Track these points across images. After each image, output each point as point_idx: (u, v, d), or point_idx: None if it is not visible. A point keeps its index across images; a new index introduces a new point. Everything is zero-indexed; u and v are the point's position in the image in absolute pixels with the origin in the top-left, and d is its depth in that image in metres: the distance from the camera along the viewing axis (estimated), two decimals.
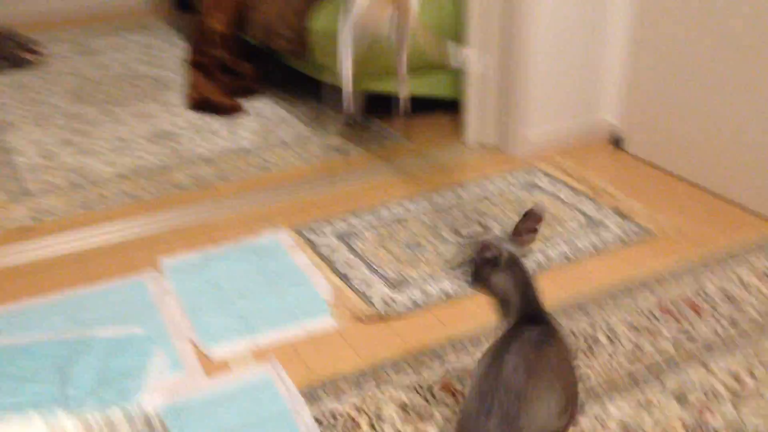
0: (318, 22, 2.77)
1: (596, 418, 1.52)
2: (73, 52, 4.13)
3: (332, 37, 2.68)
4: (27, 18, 4.54)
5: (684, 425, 1.50)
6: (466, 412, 1.26)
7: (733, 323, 1.83)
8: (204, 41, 3.29)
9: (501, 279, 1.38)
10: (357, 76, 2.84)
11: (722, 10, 2.26)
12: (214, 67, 3.31)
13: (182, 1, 4.54)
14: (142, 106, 3.31)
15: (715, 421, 1.51)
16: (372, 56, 2.64)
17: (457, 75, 2.86)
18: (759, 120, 2.25)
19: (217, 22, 3.20)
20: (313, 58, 2.91)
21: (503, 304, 1.39)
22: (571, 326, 1.82)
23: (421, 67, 2.76)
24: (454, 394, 1.59)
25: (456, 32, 2.79)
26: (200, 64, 3.33)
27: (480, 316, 1.81)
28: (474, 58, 2.71)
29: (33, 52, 3.92)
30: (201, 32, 3.29)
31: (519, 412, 1.19)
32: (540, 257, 2.12)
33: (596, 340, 1.77)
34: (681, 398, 1.58)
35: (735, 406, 1.55)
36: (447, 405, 1.56)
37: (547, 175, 2.61)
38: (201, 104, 3.23)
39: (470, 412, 1.23)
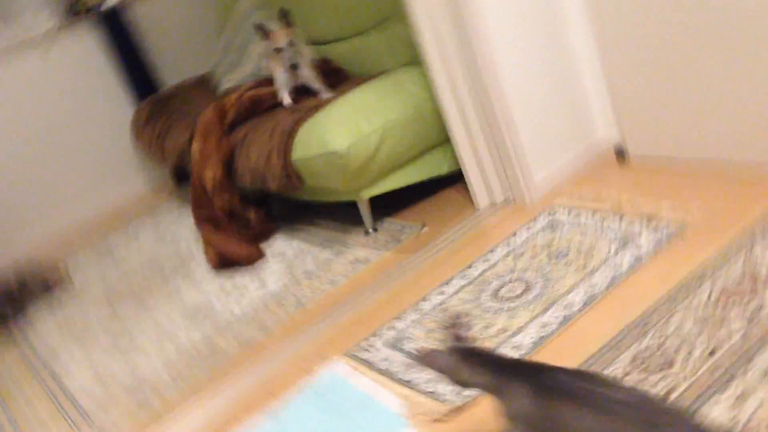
0: (298, 152, 2.84)
1: None
2: (93, 258, 4.25)
3: (317, 161, 2.76)
4: (43, 239, 4.68)
5: None
6: None
7: None
8: (203, 196, 3.35)
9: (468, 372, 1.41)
10: (352, 192, 2.90)
11: None
12: (222, 218, 3.36)
13: (180, 175, 4.68)
14: (169, 286, 3.37)
15: None
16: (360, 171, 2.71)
17: (450, 147, 2.89)
18: (744, 77, 2.24)
19: (210, 174, 3.28)
20: (308, 186, 2.96)
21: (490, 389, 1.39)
22: (643, 344, 1.76)
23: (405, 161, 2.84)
24: None
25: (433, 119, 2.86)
26: (207, 218, 3.37)
27: None
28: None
29: (56, 282, 4.04)
30: (197, 189, 3.36)
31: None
32: (587, 289, 2.08)
33: (668, 349, 1.72)
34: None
35: None
36: None
37: (566, 208, 2.59)
38: (222, 262, 3.28)
39: None
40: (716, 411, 1.50)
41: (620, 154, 2.79)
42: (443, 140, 2.90)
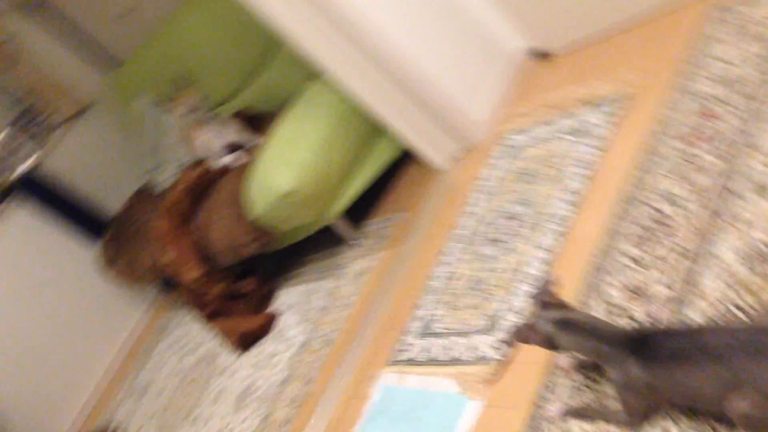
0: (255, 209, 2.84)
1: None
2: (133, 402, 4.24)
3: (276, 209, 2.76)
4: (83, 410, 4.67)
5: None
6: None
7: (750, 98, 1.77)
8: (198, 296, 3.36)
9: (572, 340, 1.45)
10: (321, 218, 2.91)
11: None
12: (224, 305, 3.37)
13: (171, 283, 4.67)
14: (210, 389, 3.37)
15: None
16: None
17: (387, 131, 2.90)
18: None
19: (192, 276, 3.28)
20: (280, 234, 2.97)
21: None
22: (639, 221, 1.78)
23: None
24: None
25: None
26: (212, 312, 3.38)
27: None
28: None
29: None
30: (190, 293, 3.36)
31: None
32: (568, 195, 2.09)
33: (665, 214, 1.73)
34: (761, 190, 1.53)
35: None
36: None
37: (515, 131, 2.60)
38: (244, 342, 3.28)
39: None
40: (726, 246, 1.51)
41: (540, 55, 2.79)
42: (378, 129, 2.91)
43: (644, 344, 1.33)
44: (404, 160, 3.10)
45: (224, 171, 3.34)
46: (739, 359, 1.18)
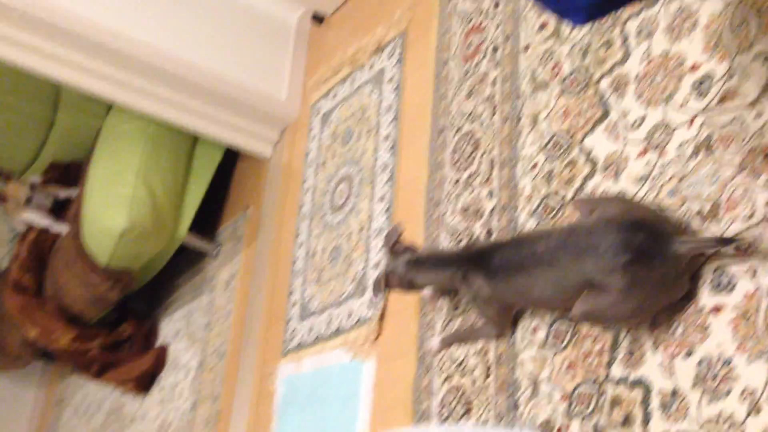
0: (100, 257, 2.78)
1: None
2: None
3: (119, 250, 2.72)
4: None
5: None
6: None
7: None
8: (81, 358, 3.27)
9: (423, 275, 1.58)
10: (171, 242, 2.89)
11: None
12: (110, 356, 3.29)
13: (47, 356, 4.50)
14: None
15: None
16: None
17: (200, 147, 2.90)
18: None
19: (66, 340, 3.18)
20: (138, 271, 2.94)
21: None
22: (454, 146, 1.89)
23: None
24: None
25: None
26: (101, 368, 3.30)
27: None
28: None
29: None
30: (72, 357, 3.27)
31: None
32: (387, 143, 2.19)
33: (473, 133, 1.85)
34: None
35: None
36: None
37: (322, 98, 2.66)
38: (142, 383, 3.23)
39: None
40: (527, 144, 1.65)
41: (316, 19, 2.84)
42: (193, 139, 2.90)
43: (482, 259, 1.45)
44: (232, 158, 3.11)
45: (55, 233, 3.24)
46: (567, 260, 1.29)
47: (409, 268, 1.58)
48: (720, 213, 1.24)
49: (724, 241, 1.19)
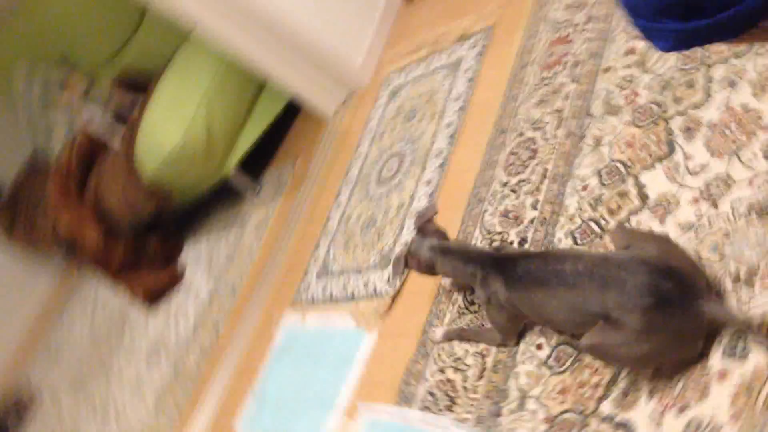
0: (146, 170, 2.83)
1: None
2: (47, 361, 4.21)
3: (167, 167, 2.76)
4: None
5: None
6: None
7: (605, 19, 1.87)
8: (100, 256, 3.33)
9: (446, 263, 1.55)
10: (216, 173, 2.92)
11: None
12: (128, 262, 3.35)
13: (71, 248, 4.59)
14: (124, 343, 3.39)
15: None
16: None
17: (266, 92, 2.91)
18: None
19: (92, 236, 3.25)
20: (178, 191, 2.97)
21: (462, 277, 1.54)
22: (507, 149, 1.87)
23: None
24: None
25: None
26: (117, 271, 3.36)
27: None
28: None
29: (28, 399, 4.03)
30: (91, 253, 3.34)
31: None
32: (446, 130, 2.18)
33: (529, 139, 1.83)
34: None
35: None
36: None
37: (396, 72, 2.66)
38: (151, 296, 3.29)
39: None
40: (587, 164, 1.62)
41: None
42: (262, 82, 2.92)
43: (507, 264, 1.43)
44: (296, 109, 3.13)
45: (111, 138, 3.31)
46: (590, 288, 1.25)
47: (434, 253, 1.57)
48: (755, 281, 1.20)
49: (749, 326, 1.15)
